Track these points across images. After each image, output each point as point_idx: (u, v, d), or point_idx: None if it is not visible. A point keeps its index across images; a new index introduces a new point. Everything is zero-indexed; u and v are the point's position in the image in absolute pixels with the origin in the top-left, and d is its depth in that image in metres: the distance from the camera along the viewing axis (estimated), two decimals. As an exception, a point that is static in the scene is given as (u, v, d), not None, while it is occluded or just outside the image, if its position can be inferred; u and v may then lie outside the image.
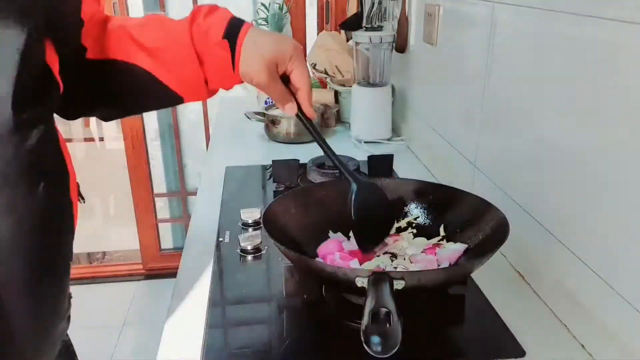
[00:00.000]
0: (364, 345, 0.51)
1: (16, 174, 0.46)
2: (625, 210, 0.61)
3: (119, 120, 2.43)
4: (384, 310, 0.54)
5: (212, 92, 0.75)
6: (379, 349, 0.51)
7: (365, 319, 0.53)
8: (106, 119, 0.77)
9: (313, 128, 0.77)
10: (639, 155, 0.58)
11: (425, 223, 0.87)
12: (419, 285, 0.64)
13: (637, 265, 0.59)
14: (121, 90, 0.71)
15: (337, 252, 0.79)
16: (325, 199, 0.87)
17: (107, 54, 0.68)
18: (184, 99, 0.73)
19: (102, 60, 0.68)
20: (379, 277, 0.59)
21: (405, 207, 0.89)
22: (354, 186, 0.77)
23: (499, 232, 0.71)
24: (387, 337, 0.51)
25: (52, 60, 0.51)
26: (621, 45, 0.60)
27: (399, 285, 0.60)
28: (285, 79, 0.74)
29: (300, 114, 0.76)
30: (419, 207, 0.88)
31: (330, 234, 0.85)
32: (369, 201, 0.78)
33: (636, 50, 0.58)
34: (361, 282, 0.60)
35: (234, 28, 0.70)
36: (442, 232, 0.83)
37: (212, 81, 0.73)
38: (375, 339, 0.51)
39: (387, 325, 0.53)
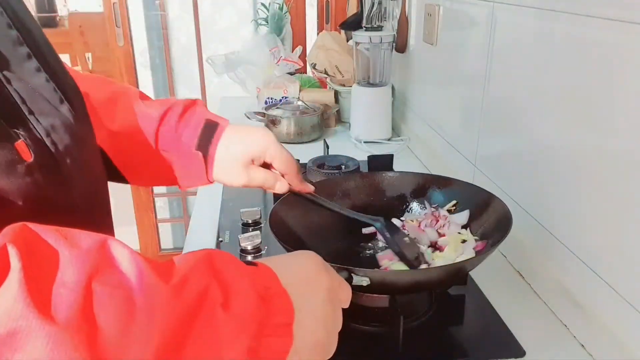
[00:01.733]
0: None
1: None
2: (625, 210, 0.61)
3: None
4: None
5: (169, 184, 0.75)
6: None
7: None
8: None
9: (315, 197, 0.77)
10: (638, 155, 0.58)
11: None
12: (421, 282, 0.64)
13: (637, 265, 0.60)
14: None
15: None
16: (329, 196, 0.87)
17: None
18: (129, 182, 0.72)
19: None
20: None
21: (406, 204, 0.89)
22: (379, 225, 0.79)
23: (501, 229, 0.71)
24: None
25: None
26: (621, 45, 0.60)
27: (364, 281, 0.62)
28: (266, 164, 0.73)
29: (294, 192, 0.75)
30: (418, 204, 0.88)
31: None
32: (392, 230, 0.80)
33: (636, 51, 0.58)
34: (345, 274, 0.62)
35: (208, 133, 0.69)
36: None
37: (179, 182, 0.72)
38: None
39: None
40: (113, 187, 0.62)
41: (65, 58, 3.98)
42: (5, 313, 0.29)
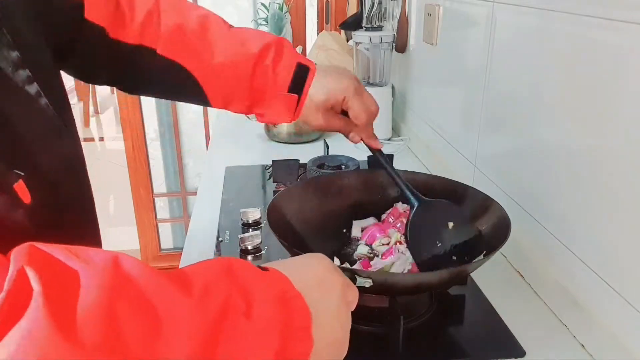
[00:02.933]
0: None
1: None
2: (626, 210, 0.61)
3: (119, 120, 2.44)
4: None
5: (249, 113, 0.78)
6: None
7: None
8: (131, 93, 0.80)
9: (382, 157, 0.79)
10: (638, 154, 0.58)
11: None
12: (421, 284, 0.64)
13: (637, 266, 0.60)
14: (157, 80, 0.73)
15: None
16: (329, 191, 0.88)
17: (157, 46, 0.69)
18: (212, 105, 0.75)
19: (148, 48, 0.69)
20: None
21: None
22: (415, 203, 0.75)
23: (500, 233, 0.71)
24: None
25: None
26: (621, 45, 0.60)
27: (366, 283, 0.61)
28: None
29: (364, 143, 0.78)
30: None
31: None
32: (427, 220, 0.75)
33: (636, 51, 0.58)
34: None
35: (300, 76, 0.73)
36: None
37: (267, 116, 0.76)
38: None
39: None
40: (113, 187, 0.63)
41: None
42: (33, 340, 0.28)
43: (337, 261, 0.79)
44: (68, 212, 0.50)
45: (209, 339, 0.34)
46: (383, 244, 0.81)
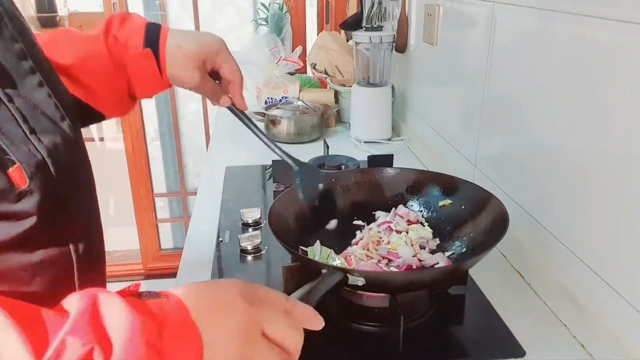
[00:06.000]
0: None
1: None
2: (626, 210, 0.61)
3: (119, 120, 2.43)
4: None
5: (133, 105, 0.74)
6: None
7: None
8: None
9: (247, 118, 0.77)
10: (638, 155, 0.58)
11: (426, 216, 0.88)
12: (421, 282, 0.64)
13: (637, 265, 0.60)
14: None
15: None
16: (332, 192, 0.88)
17: None
18: (105, 115, 0.72)
19: None
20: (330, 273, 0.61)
21: (406, 201, 0.89)
22: (297, 168, 0.78)
23: (498, 228, 0.71)
24: None
25: None
26: (621, 46, 0.60)
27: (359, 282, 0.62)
28: (213, 74, 0.74)
29: (233, 106, 0.76)
30: (417, 200, 0.89)
31: None
32: (313, 180, 0.80)
33: (636, 51, 0.58)
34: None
35: (152, 34, 0.69)
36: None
37: (139, 92, 0.72)
38: None
39: None
40: (113, 187, 0.63)
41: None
42: None
43: (337, 261, 0.79)
44: (69, 203, 0.50)
45: None
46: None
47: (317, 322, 0.47)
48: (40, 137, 0.46)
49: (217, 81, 0.75)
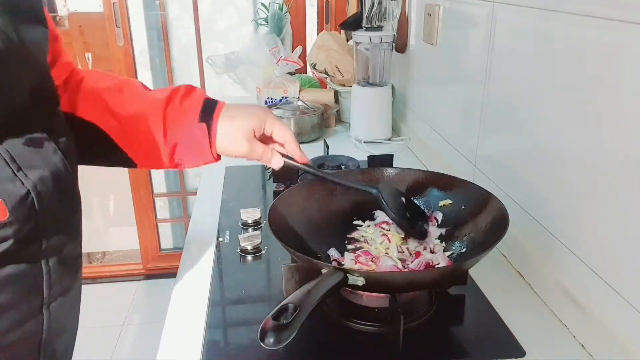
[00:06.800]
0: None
1: None
2: (625, 211, 0.61)
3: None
4: (292, 305, 0.55)
5: (173, 167, 0.77)
6: (270, 340, 0.53)
7: (274, 310, 0.55)
8: None
9: (311, 168, 0.79)
10: (638, 154, 0.58)
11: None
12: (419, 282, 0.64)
13: (637, 265, 0.60)
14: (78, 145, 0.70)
15: None
16: (329, 192, 0.88)
17: (75, 110, 0.69)
18: (137, 165, 0.75)
19: (68, 113, 0.67)
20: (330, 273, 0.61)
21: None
22: (375, 191, 0.80)
23: (498, 228, 0.71)
24: (277, 330, 0.53)
25: None
26: (621, 46, 0.60)
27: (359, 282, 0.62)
28: (264, 139, 0.76)
29: (294, 162, 0.78)
30: (417, 200, 0.89)
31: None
32: (395, 198, 0.82)
33: (636, 51, 0.58)
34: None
35: (208, 108, 0.72)
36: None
37: (186, 160, 0.74)
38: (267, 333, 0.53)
39: (283, 320, 0.54)
40: (113, 186, 0.63)
41: (65, 58, 3.96)
42: None
43: (335, 260, 0.79)
44: (48, 229, 0.51)
45: None
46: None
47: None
48: (27, 173, 0.47)
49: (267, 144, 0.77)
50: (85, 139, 0.69)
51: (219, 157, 0.75)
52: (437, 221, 0.85)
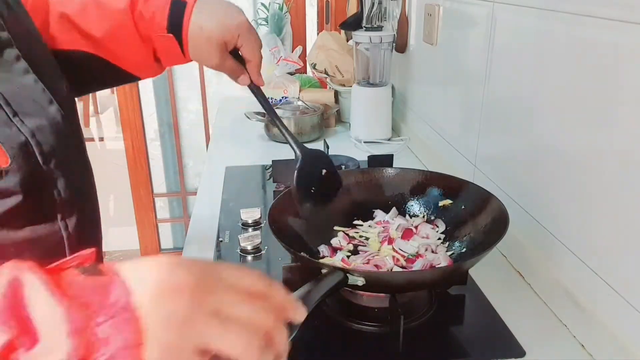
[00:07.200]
0: None
1: None
2: (625, 211, 0.61)
3: (119, 120, 2.44)
4: None
5: (162, 69, 0.77)
6: None
7: None
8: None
9: (263, 97, 0.80)
10: (638, 155, 0.58)
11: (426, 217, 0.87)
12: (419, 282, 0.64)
13: (637, 265, 0.59)
14: (75, 74, 0.69)
15: None
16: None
17: (54, 44, 0.68)
18: (140, 77, 0.76)
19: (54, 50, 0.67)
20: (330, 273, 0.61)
21: (406, 202, 0.89)
22: (299, 154, 0.83)
23: (498, 228, 0.71)
24: None
25: None
26: (621, 46, 0.60)
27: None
28: (233, 52, 0.75)
29: (252, 84, 0.78)
30: (417, 200, 0.89)
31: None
32: (312, 169, 0.84)
33: (636, 51, 0.58)
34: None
35: (177, 12, 0.70)
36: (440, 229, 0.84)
37: (164, 61, 0.75)
38: None
39: None
40: (113, 186, 0.63)
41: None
42: None
43: (337, 259, 0.79)
44: (57, 182, 0.51)
45: None
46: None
47: (296, 310, 0.43)
48: (24, 120, 0.47)
49: (238, 60, 0.77)
50: (74, 68, 0.68)
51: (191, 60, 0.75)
52: (438, 227, 0.85)
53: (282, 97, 1.71)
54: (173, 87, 2.37)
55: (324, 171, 0.84)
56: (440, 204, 0.86)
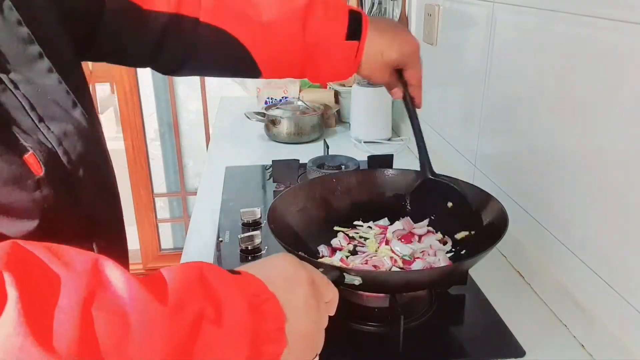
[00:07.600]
0: None
1: None
2: (625, 211, 0.61)
3: (119, 120, 2.44)
4: None
5: (300, 77, 0.76)
6: None
7: None
8: (170, 73, 0.74)
9: (414, 114, 0.80)
10: (638, 155, 0.58)
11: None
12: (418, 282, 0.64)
13: (637, 266, 0.59)
14: (201, 53, 0.68)
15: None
16: (330, 193, 0.88)
17: (198, 13, 0.65)
18: (263, 75, 0.72)
19: (188, 17, 0.65)
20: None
21: (404, 202, 0.89)
22: (422, 177, 0.83)
23: (498, 229, 0.71)
24: None
25: None
26: (621, 46, 0.60)
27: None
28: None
29: (407, 98, 0.77)
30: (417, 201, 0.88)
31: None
32: (427, 194, 0.83)
33: (636, 51, 0.58)
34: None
35: (354, 25, 0.69)
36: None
37: (322, 74, 0.73)
38: None
39: None
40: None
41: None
42: (5, 347, 0.28)
43: (336, 259, 0.79)
44: (85, 191, 0.48)
45: (182, 348, 0.35)
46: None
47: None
48: (50, 126, 0.44)
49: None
50: (211, 47, 0.67)
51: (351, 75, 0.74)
52: (435, 232, 0.85)
53: (282, 97, 1.71)
54: (173, 87, 2.37)
55: (449, 204, 0.82)
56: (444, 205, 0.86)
